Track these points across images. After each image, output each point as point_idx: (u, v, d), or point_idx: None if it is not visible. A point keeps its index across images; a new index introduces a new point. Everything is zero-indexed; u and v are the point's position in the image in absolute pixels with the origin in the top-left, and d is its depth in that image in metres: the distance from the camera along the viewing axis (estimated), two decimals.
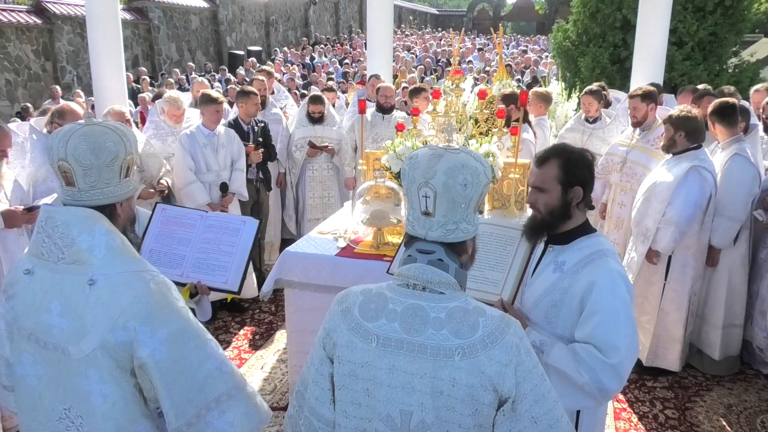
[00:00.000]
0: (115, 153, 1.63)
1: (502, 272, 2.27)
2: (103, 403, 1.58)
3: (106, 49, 5.80)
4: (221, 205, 4.78)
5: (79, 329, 1.55)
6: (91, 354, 1.55)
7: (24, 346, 1.65)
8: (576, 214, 2.03)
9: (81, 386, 1.59)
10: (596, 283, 1.90)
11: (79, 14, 14.66)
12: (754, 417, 3.66)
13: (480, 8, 37.41)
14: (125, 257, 1.62)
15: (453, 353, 1.32)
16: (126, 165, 1.68)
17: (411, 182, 1.45)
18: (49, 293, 1.59)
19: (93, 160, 1.60)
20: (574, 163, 1.99)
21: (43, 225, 1.63)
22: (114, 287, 1.56)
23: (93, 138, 1.61)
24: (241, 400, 1.70)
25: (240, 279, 2.46)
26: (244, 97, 5.18)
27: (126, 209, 1.74)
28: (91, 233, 1.59)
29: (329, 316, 1.50)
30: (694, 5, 9.15)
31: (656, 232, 3.77)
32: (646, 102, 4.44)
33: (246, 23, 22.33)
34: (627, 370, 1.87)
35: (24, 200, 3.53)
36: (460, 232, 1.43)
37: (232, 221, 2.60)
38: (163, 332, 1.56)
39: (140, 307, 1.55)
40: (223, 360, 1.69)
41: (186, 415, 1.60)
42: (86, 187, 1.63)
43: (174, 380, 1.58)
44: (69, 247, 1.58)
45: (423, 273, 1.40)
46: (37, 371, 1.64)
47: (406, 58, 17.43)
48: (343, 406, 1.43)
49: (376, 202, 3.38)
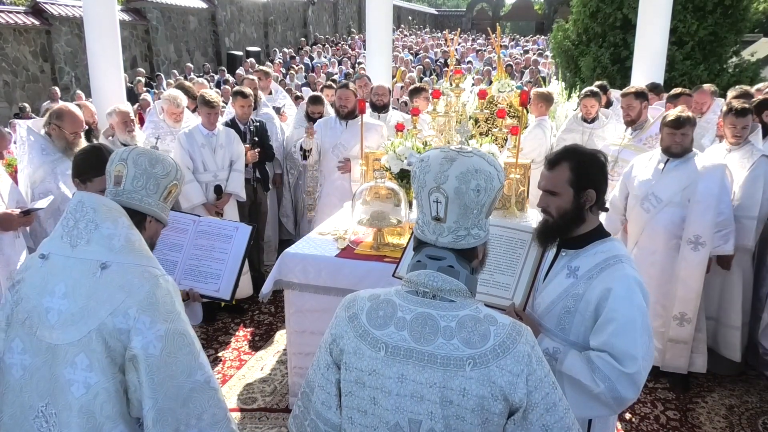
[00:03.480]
0: (167, 171, 1.82)
1: (513, 276, 2.22)
2: (84, 395, 1.58)
3: (103, 50, 5.78)
4: (216, 207, 4.75)
5: (79, 311, 1.59)
6: (85, 337, 1.57)
7: (17, 332, 1.68)
8: (589, 217, 1.99)
9: (64, 375, 1.59)
10: (612, 290, 1.85)
11: (77, 15, 14.63)
12: (755, 418, 3.64)
13: (479, 8, 37.40)
14: (141, 253, 1.69)
15: (464, 363, 1.29)
16: (170, 188, 1.85)
17: (421, 186, 1.41)
18: (57, 276, 1.63)
19: (147, 167, 1.78)
20: (586, 165, 1.95)
21: (72, 209, 1.70)
22: (124, 274, 1.62)
23: (155, 155, 1.84)
24: (223, 428, 1.69)
25: (232, 287, 2.46)
26: (236, 97, 5.17)
27: (152, 228, 1.85)
28: (114, 222, 1.68)
29: (336, 322, 1.47)
30: (694, 5, 9.15)
31: (729, 232, 3.64)
32: (640, 100, 4.44)
33: (244, 24, 22.31)
34: (643, 378, 1.83)
35: (21, 203, 3.50)
36: (472, 238, 1.40)
37: (224, 227, 2.60)
38: (161, 327, 1.58)
39: (146, 295, 1.59)
40: (211, 375, 1.70)
41: (165, 426, 1.58)
42: (131, 189, 1.77)
43: (161, 382, 1.57)
44: (91, 232, 1.65)
45: (433, 280, 1.37)
46: (23, 360, 1.66)
47: (405, 58, 17.43)
48: (349, 413, 1.41)
49: (376, 203, 3.36)
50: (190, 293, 2.36)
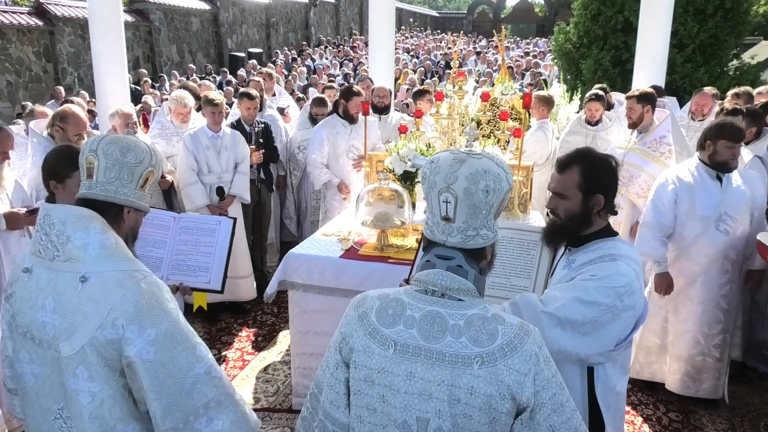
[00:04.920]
0: (140, 158, 1.74)
1: (529, 278, 2.23)
2: (90, 402, 1.59)
3: (108, 51, 5.79)
4: (220, 208, 4.77)
5: (70, 326, 1.58)
6: (80, 351, 1.57)
7: (21, 344, 1.69)
8: (597, 221, 1.99)
9: (70, 385, 1.60)
10: (595, 274, 1.88)
11: (80, 16, 14.67)
12: (757, 420, 3.66)
13: (480, 10, 37.46)
14: (118, 256, 1.65)
15: (472, 361, 1.31)
16: (146, 176, 1.77)
17: (431, 186, 1.43)
18: (44, 290, 1.62)
19: (119, 157, 1.70)
20: (596, 169, 1.94)
21: (41, 223, 1.67)
22: (105, 284, 1.58)
23: (125, 142, 1.74)
24: (229, 407, 1.68)
25: (222, 278, 2.51)
26: (242, 99, 5.19)
27: (132, 219, 1.79)
28: (86, 231, 1.63)
29: (345, 320, 1.48)
30: (695, 8, 9.18)
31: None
32: (642, 104, 4.41)
33: (246, 25, 22.35)
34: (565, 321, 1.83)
35: (26, 202, 3.51)
36: (480, 238, 1.42)
37: (207, 222, 2.66)
38: (151, 332, 1.57)
39: (129, 305, 1.57)
40: (212, 365, 1.68)
41: (173, 419, 1.59)
42: (104, 181, 1.71)
43: (162, 382, 1.57)
44: (64, 245, 1.61)
45: (442, 279, 1.39)
46: (33, 369, 1.67)
47: (406, 61, 17.46)
48: (358, 411, 1.42)
49: (380, 204, 3.39)
50: (180, 287, 2.37)
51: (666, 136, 4.40)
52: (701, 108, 5.33)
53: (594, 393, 1.95)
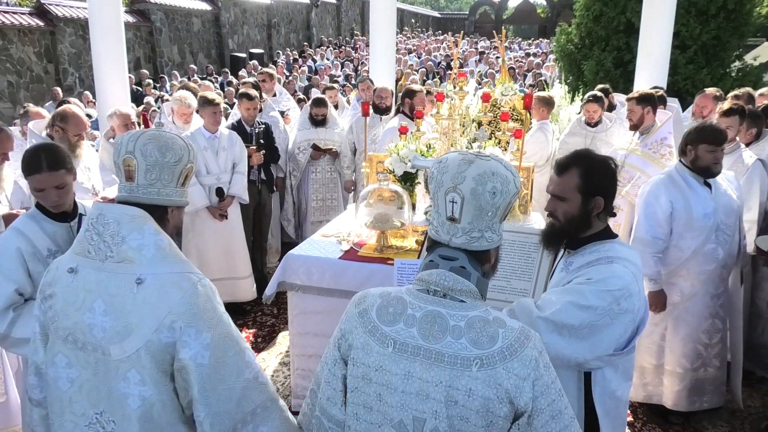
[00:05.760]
0: (179, 156, 1.68)
1: (530, 281, 2.22)
2: (140, 407, 1.57)
3: (108, 52, 5.80)
4: (220, 209, 4.77)
5: (123, 329, 1.54)
6: (134, 355, 1.54)
7: (59, 348, 1.63)
8: (596, 223, 1.98)
9: (118, 389, 1.57)
10: (590, 278, 1.87)
11: (81, 16, 14.68)
12: (758, 422, 3.64)
13: (482, 11, 37.46)
14: (173, 258, 1.62)
15: (471, 363, 1.30)
16: (186, 173, 1.73)
17: (438, 186, 1.43)
18: (92, 292, 1.58)
19: (159, 158, 1.64)
20: (595, 172, 1.93)
21: (94, 222, 1.62)
22: (161, 287, 1.55)
23: (162, 140, 1.67)
24: (275, 413, 1.67)
25: None
26: (241, 99, 5.19)
27: (176, 217, 1.76)
28: (141, 232, 1.60)
29: (346, 317, 1.48)
30: (697, 9, 9.16)
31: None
32: (642, 105, 4.38)
33: (248, 26, 22.36)
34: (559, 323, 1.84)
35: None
36: (485, 240, 1.41)
37: None
38: (207, 336, 1.55)
39: (187, 307, 1.54)
40: (259, 370, 1.67)
41: (222, 426, 1.57)
42: (145, 183, 1.66)
43: (213, 388, 1.55)
44: (118, 245, 1.58)
45: (444, 279, 1.38)
46: (69, 374, 1.63)
47: (409, 62, 17.45)
48: (355, 409, 1.42)
49: (380, 205, 3.38)
50: None
51: (667, 137, 4.39)
52: (701, 109, 5.31)
53: (591, 397, 1.93)
